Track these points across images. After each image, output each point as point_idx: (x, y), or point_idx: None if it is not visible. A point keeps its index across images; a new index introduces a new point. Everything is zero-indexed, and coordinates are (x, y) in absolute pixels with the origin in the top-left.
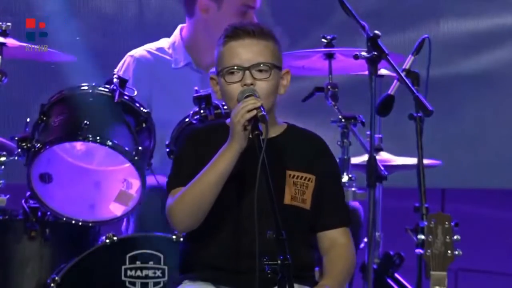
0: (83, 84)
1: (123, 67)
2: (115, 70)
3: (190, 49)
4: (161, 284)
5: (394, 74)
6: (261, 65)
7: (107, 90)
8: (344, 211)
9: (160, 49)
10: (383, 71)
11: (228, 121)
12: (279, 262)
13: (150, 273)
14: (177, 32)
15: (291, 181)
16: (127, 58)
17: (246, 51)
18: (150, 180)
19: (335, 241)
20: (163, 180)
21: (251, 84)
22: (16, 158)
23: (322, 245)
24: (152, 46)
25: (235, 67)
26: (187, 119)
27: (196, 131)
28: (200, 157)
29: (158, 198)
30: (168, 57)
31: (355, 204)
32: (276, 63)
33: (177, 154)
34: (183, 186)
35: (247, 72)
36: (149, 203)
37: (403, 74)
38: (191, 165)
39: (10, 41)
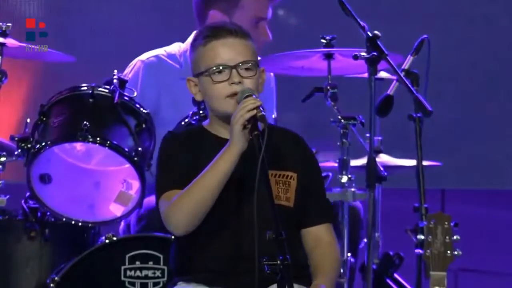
0: (83, 85)
1: (132, 71)
2: (123, 72)
3: None
4: (161, 284)
5: (394, 77)
6: (247, 63)
7: (107, 90)
8: (326, 207)
9: (171, 56)
10: (382, 74)
11: (204, 123)
12: (278, 262)
13: (150, 273)
14: (190, 39)
15: (273, 180)
16: (137, 63)
17: (230, 50)
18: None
19: (320, 239)
20: None
21: (239, 82)
22: (16, 158)
23: (306, 242)
24: (163, 51)
25: (222, 67)
26: (186, 120)
27: (175, 135)
28: (186, 158)
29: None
30: (177, 66)
31: (355, 202)
32: (257, 61)
33: (161, 159)
34: (174, 188)
35: (234, 70)
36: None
37: (402, 75)
38: (179, 167)
39: (10, 41)
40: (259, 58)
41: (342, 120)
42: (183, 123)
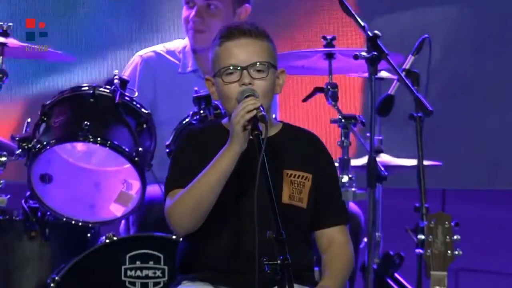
0: (84, 85)
1: (130, 66)
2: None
3: (199, 56)
4: (161, 284)
5: (394, 76)
6: (258, 64)
7: (108, 91)
8: (342, 209)
9: (170, 52)
10: (383, 74)
11: (224, 121)
12: (278, 262)
13: (150, 273)
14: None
15: (288, 180)
16: (135, 58)
17: (243, 51)
18: (154, 191)
19: (333, 239)
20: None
21: (249, 84)
22: (16, 158)
23: (320, 243)
24: (162, 47)
25: (232, 67)
26: (187, 119)
27: (193, 131)
28: (198, 157)
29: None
30: (176, 61)
31: (356, 209)
32: (272, 62)
33: (174, 155)
34: (181, 187)
35: (244, 71)
36: (152, 216)
37: (403, 74)
38: (189, 165)
39: (11, 41)
40: None
41: (343, 120)
42: (184, 122)
